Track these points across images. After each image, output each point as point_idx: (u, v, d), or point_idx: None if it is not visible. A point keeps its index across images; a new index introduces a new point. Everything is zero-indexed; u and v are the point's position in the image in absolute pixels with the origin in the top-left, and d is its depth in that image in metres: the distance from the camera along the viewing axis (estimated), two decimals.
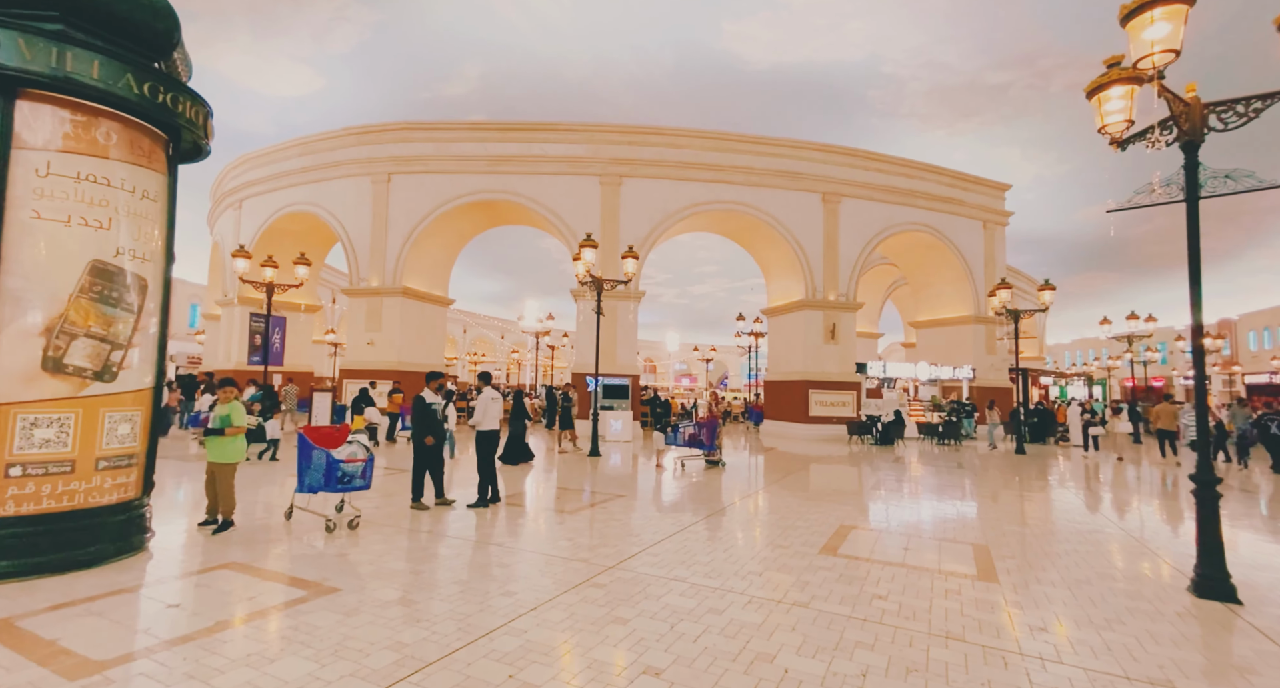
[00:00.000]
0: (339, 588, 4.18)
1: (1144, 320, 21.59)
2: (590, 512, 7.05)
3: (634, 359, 18.68)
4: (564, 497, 8.10)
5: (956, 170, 22.28)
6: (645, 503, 7.75)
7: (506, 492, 8.24)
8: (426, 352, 19.50)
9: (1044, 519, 7.46)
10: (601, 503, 7.61)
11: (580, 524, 6.42)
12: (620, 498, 7.96)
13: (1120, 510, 8.27)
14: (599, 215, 18.49)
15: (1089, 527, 7.07)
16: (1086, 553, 5.80)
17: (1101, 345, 65.25)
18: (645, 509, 7.31)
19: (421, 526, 6.17)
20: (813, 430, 19.28)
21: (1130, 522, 7.52)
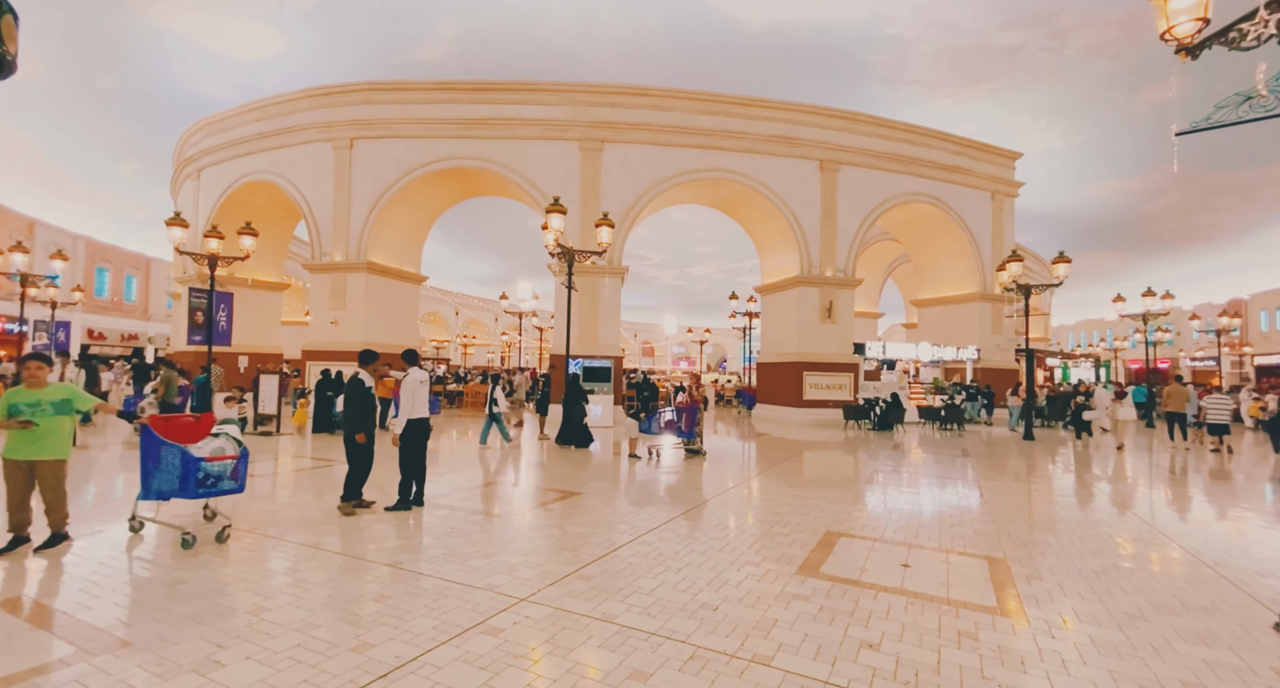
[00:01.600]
0: (130, 642, 3.06)
1: (1160, 297, 20.32)
2: (530, 516, 5.94)
3: (617, 340, 17.51)
4: (508, 496, 6.99)
5: (964, 137, 20.81)
6: (600, 504, 6.63)
7: (448, 488, 7.14)
8: (396, 332, 18.31)
9: (1070, 522, 6.35)
10: (549, 504, 6.50)
11: (509, 535, 5.31)
12: (573, 498, 6.85)
13: (1156, 509, 7.17)
14: (579, 184, 17.15)
15: (1127, 533, 5.96)
16: (1131, 572, 4.69)
17: (1107, 326, 63.97)
18: (597, 512, 6.20)
19: (314, 535, 5.06)
20: (807, 415, 18.20)
21: (1171, 525, 6.41)
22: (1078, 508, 7.11)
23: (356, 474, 5.77)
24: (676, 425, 10.47)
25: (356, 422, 5.77)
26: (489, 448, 10.99)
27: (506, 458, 10.03)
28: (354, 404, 5.77)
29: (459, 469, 8.77)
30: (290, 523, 5.44)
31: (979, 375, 20.53)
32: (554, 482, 7.90)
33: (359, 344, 16.85)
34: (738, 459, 10.65)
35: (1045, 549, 5.23)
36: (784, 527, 5.76)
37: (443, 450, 10.65)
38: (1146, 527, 6.20)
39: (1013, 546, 5.32)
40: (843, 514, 6.34)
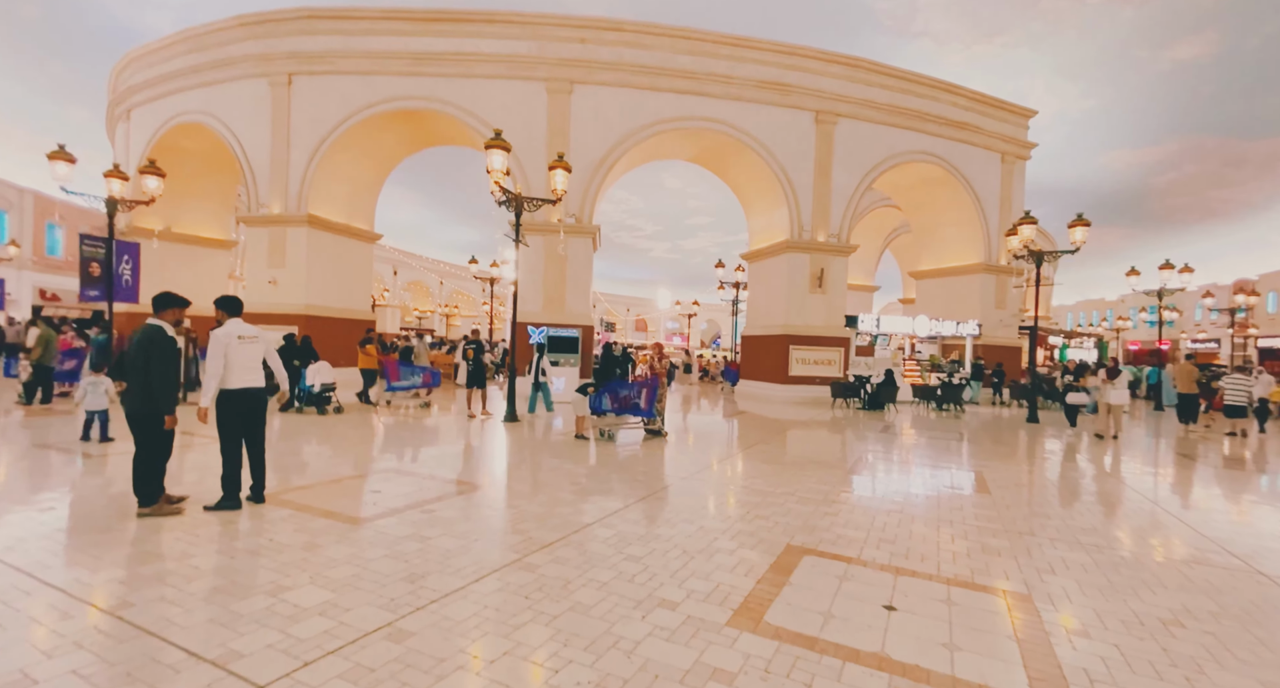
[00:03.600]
0: None
1: (1179, 271, 18.82)
2: (396, 520, 4.49)
3: (586, 307, 15.94)
4: (388, 489, 5.55)
5: (975, 90, 18.92)
6: (496, 503, 5.20)
7: (318, 476, 5.69)
8: (344, 293, 16.66)
9: (1104, 532, 4.96)
10: (435, 501, 5.05)
11: (343, 552, 3.86)
12: (473, 493, 5.41)
13: (1211, 516, 5.80)
14: (545, 130, 15.31)
15: (1182, 549, 4.58)
16: (1214, 619, 3.29)
17: (1107, 306, 62.69)
18: (485, 518, 4.75)
19: (80, 552, 3.60)
20: (792, 392, 16.82)
21: (1236, 536, 5.04)
22: (1109, 510, 5.73)
23: (149, 463, 4.28)
24: (634, 402, 9.01)
25: (161, 391, 4.24)
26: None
27: (442, 436, 8.59)
28: (155, 366, 4.23)
29: (371, 450, 7.32)
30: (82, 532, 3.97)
31: (979, 352, 19.15)
32: (463, 469, 6.45)
33: (300, 306, 15.28)
34: (704, 442, 9.24)
35: (1082, 577, 3.83)
36: (733, 538, 4.34)
37: (395, 425, 9.20)
38: (1206, 542, 4.82)
39: (1036, 572, 3.92)
40: (813, 518, 4.93)
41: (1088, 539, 4.70)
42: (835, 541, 4.40)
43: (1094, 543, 4.61)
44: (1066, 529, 4.97)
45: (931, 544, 4.41)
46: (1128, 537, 4.86)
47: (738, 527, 4.63)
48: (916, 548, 4.31)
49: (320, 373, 10.62)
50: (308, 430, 8.45)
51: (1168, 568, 4.12)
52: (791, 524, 4.75)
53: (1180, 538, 4.88)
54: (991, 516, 5.30)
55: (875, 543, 4.39)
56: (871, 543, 4.38)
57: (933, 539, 4.54)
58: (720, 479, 6.39)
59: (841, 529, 4.70)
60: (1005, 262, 19.51)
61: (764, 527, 4.66)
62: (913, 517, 5.16)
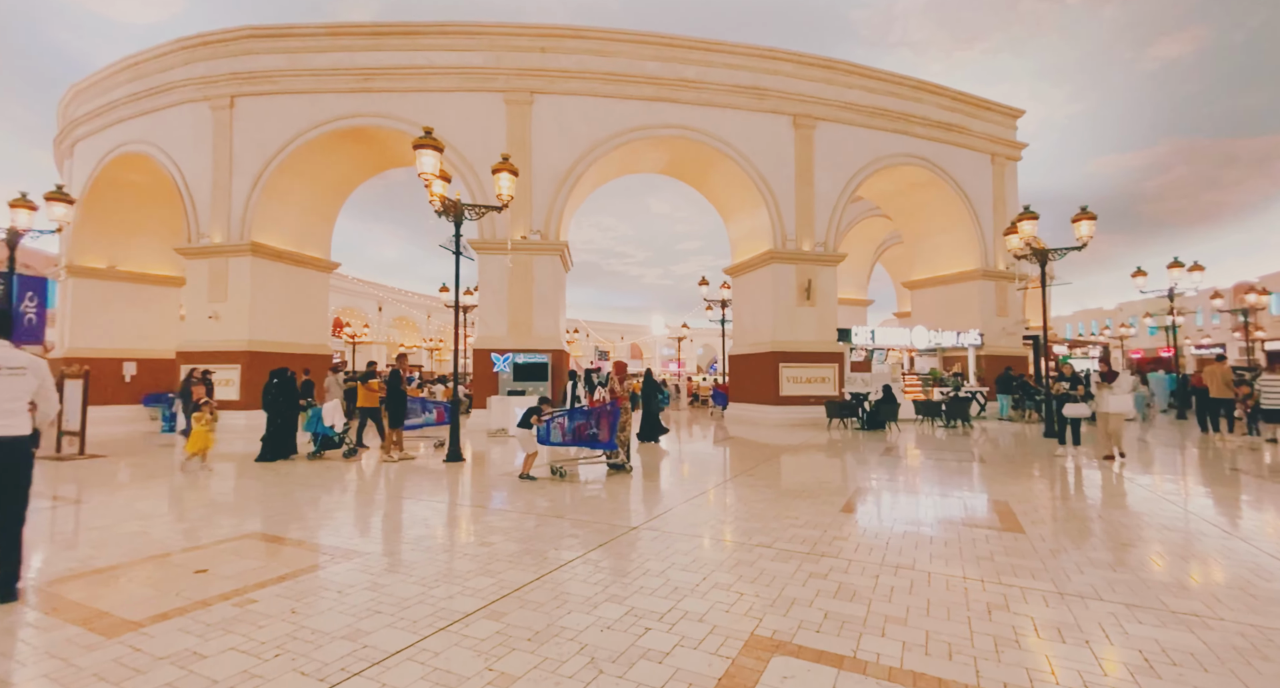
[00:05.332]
0: None
1: (1188, 270, 17.71)
2: (184, 624, 3.11)
3: (557, 331, 14.70)
4: (225, 568, 4.16)
5: (959, 90, 18.17)
6: (361, 582, 3.81)
7: (145, 550, 4.31)
8: (296, 327, 15.41)
9: (1190, 587, 3.58)
10: (273, 584, 3.67)
11: (128, 665, 2.49)
12: (341, 565, 4.03)
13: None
14: (504, 142, 14.35)
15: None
16: None
17: (1106, 316, 61.72)
18: (335, 605, 3.38)
19: None
20: (785, 413, 15.45)
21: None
22: (1184, 552, 4.35)
23: None
24: (590, 432, 7.66)
25: None
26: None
27: (357, 485, 7.20)
28: None
29: (268, 506, 5.92)
30: None
31: (983, 363, 17.86)
32: (352, 529, 5.06)
33: (243, 342, 14.01)
34: (677, 475, 7.85)
35: (1209, 670, 2.45)
36: (672, 628, 2.96)
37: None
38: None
39: (1126, 667, 2.54)
40: (794, 584, 3.56)
41: (1177, 602, 3.32)
42: (821, 624, 3.02)
43: (1191, 610, 3.23)
44: (1140, 585, 3.59)
45: (960, 623, 3.03)
46: (1231, 595, 3.48)
47: (686, 605, 3.25)
48: (940, 633, 2.93)
49: (335, 413, 9.30)
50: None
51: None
52: (763, 597, 3.38)
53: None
54: (1035, 567, 3.93)
55: (878, 626, 3.00)
56: (873, 626, 3.00)
57: (960, 612, 3.16)
58: (682, 526, 5.00)
59: (831, 601, 3.32)
60: (1004, 266, 18.44)
61: (723, 603, 3.28)
62: (929, 574, 3.78)
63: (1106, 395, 8.96)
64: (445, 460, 8.62)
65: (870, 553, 4.25)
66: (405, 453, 9.04)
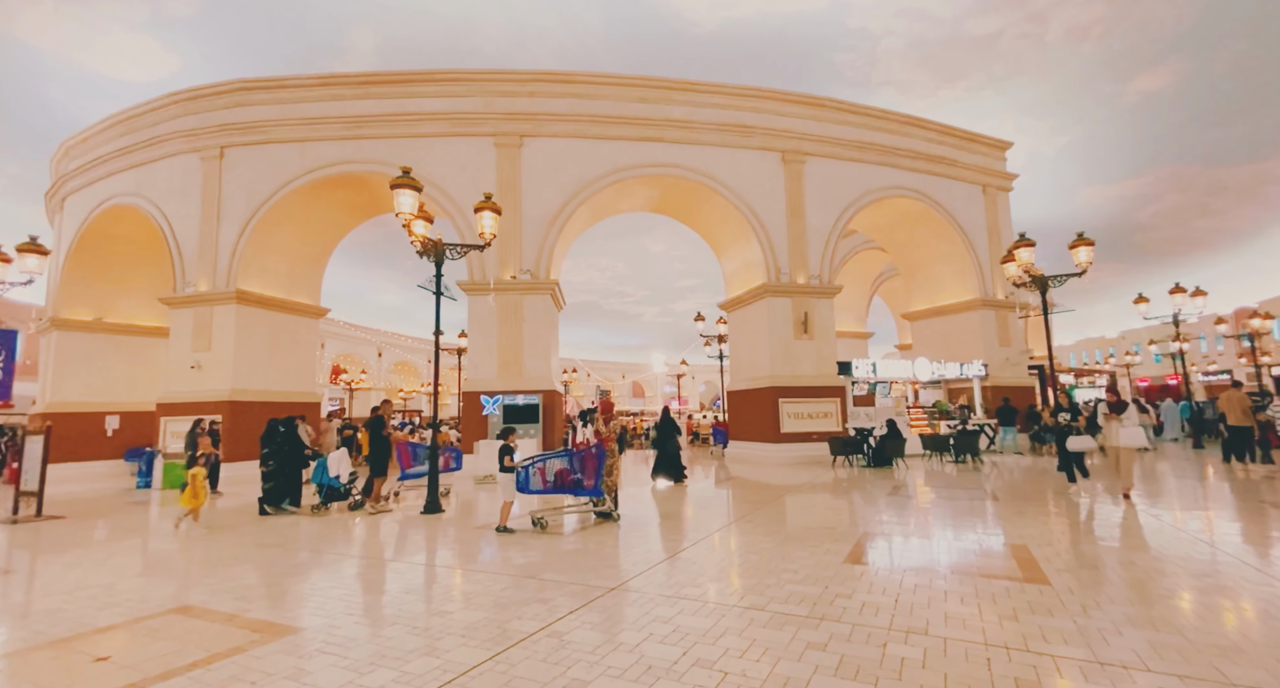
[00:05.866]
0: None
1: (1190, 295, 17.45)
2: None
3: (547, 372, 14.33)
4: (133, 654, 3.65)
5: (946, 124, 18.41)
6: (285, 666, 3.31)
7: (47, 632, 3.80)
8: (282, 376, 15.07)
9: (1252, 647, 3.06)
10: (178, 675, 3.17)
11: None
12: (265, 646, 3.52)
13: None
14: (494, 185, 14.39)
15: None
16: None
17: (1109, 344, 61.23)
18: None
19: None
20: (786, 452, 14.86)
21: None
22: (1234, 601, 3.83)
23: None
24: (574, 478, 7.17)
25: None
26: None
27: (324, 540, 6.67)
28: None
29: (210, 569, 5.41)
30: None
31: (989, 394, 17.35)
32: (296, 598, 4.55)
33: (225, 392, 13.64)
34: (669, 523, 7.30)
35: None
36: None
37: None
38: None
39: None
40: (788, 663, 3.04)
41: (1236, 671, 2.81)
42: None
43: (1254, 682, 2.71)
44: (1190, 649, 3.07)
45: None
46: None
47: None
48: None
49: (341, 463, 8.84)
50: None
51: None
52: (751, 677, 2.86)
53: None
54: (1066, 629, 3.41)
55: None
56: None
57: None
58: (666, 586, 4.48)
59: (830, 680, 2.80)
60: (1003, 295, 18.20)
61: (704, 686, 2.77)
62: (944, 642, 3.25)
63: (1116, 428, 8.20)
64: (423, 512, 8.09)
65: (877, 614, 3.73)
66: (382, 505, 8.51)
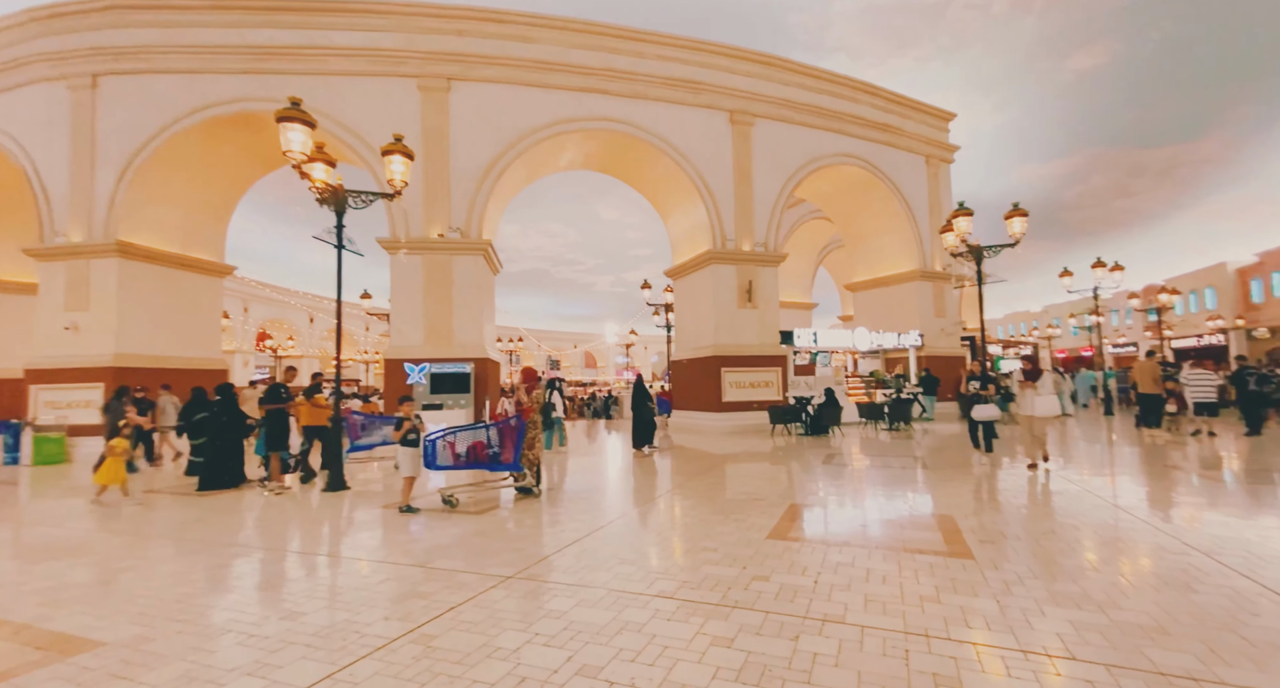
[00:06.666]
0: None
1: (1110, 269, 18.27)
2: None
3: (479, 338, 13.49)
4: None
5: (893, 91, 18.20)
6: (101, 682, 2.66)
7: None
8: (179, 340, 13.58)
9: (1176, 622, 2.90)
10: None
11: None
12: (75, 658, 2.84)
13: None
14: (419, 133, 13.14)
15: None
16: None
17: (1033, 318, 65.15)
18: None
19: None
20: (728, 421, 14.75)
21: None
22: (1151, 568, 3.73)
23: None
24: (490, 452, 6.58)
25: None
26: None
27: (206, 521, 5.84)
28: None
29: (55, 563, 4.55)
30: None
31: (923, 364, 17.79)
32: (117, 596, 3.83)
33: (109, 357, 12.14)
34: (594, 498, 6.86)
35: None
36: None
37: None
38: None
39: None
40: (686, 666, 2.64)
41: (1164, 658, 2.61)
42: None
43: (1183, 669, 2.51)
44: (1115, 632, 2.87)
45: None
46: (1222, 640, 2.81)
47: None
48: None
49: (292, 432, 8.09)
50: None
51: None
52: (643, 684, 2.44)
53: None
54: (989, 611, 3.17)
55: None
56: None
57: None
58: (571, 572, 4.02)
59: (731, 687, 2.42)
60: (941, 267, 18.53)
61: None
62: (861, 631, 2.94)
63: (1031, 396, 7.89)
64: (325, 490, 7.33)
65: (794, 599, 3.40)
66: (281, 484, 7.67)
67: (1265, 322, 31.74)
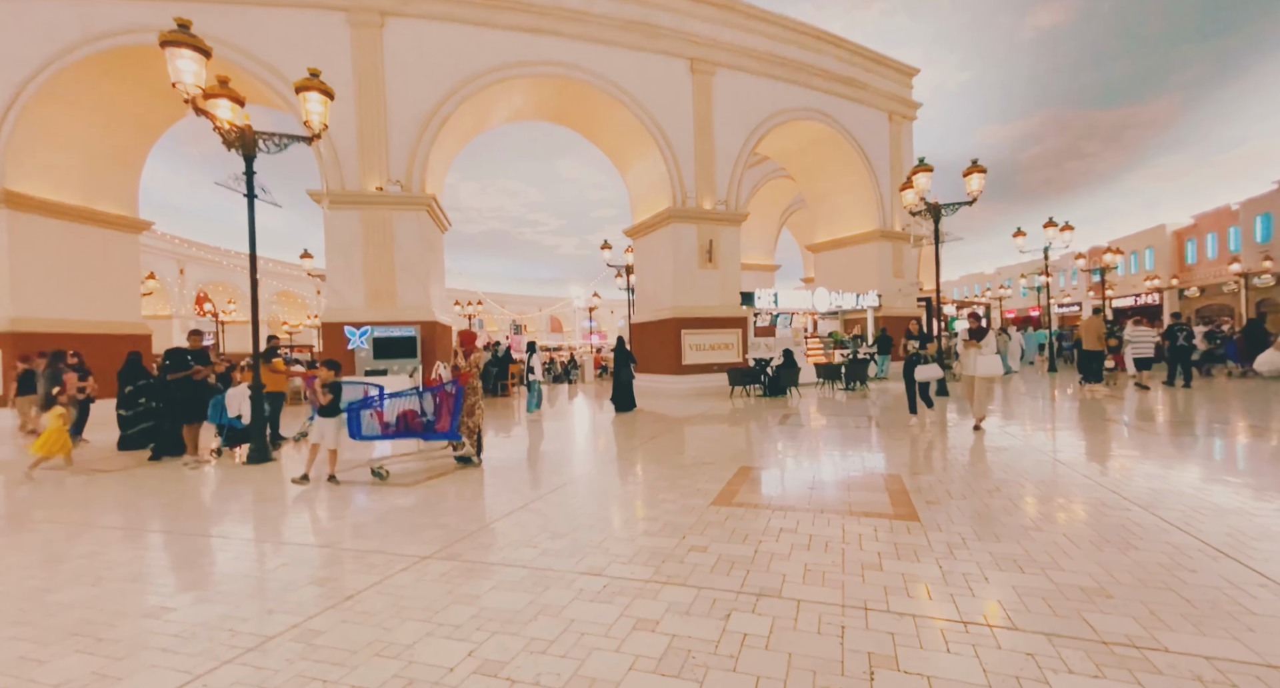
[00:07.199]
0: None
1: (1060, 229, 18.59)
2: None
3: (427, 300, 12.77)
4: None
5: (857, 43, 17.61)
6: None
7: None
8: (90, 302, 12.39)
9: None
10: None
11: None
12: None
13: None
14: (350, 75, 11.96)
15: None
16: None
17: (986, 279, 67.23)
18: None
19: None
20: (688, 383, 14.62)
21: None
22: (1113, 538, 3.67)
23: None
24: (423, 420, 6.15)
25: None
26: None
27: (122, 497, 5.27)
28: None
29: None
30: None
31: (881, 324, 17.96)
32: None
33: (5, 322, 10.97)
34: (539, 465, 6.55)
35: None
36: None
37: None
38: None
39: None
40: (603, 655, 2.37)
41: (1105, 622, 2.48)
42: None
43: (1125, 634, 2.39)
44: (1058, 597, 2.75)
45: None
46: (1164, 602, 2.71)
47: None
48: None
49: (241, 400, 7.38)
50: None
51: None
52: (548, 680, 2.16)
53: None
54: (932, 577, 3.02)
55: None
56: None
57: (832, 676, 2.11)
58: (496, 549, 3.72)
59: (648, 681, 2.16)
60: (900, 227, 18.49)
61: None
62: (797, 605, 2.73)
63: (975, 356, 7.61)
64: (247, 462, 6.79)
65: (730, 572, 3.17)
66: (197, 458, 7.07)
67: (1197, 281, 33.41)
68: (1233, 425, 7.64)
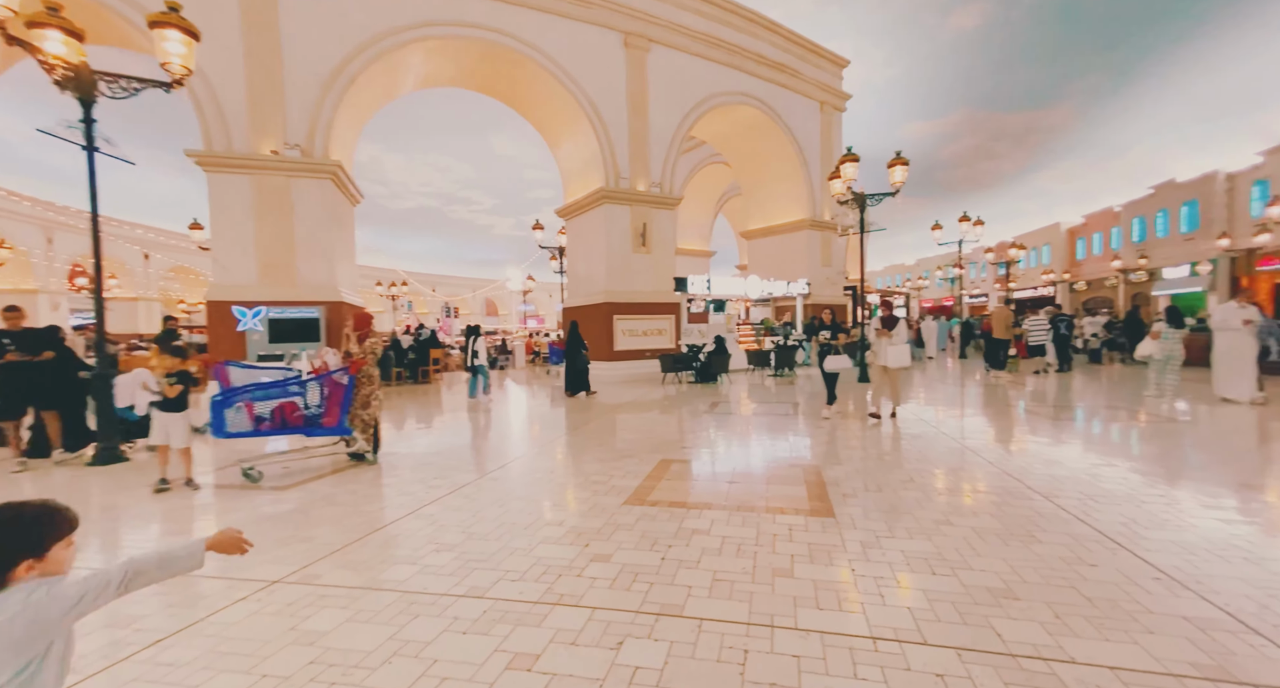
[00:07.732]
0: None
1: (973, 224, 19.64)
2: None
3: (333, 278, 11.66)
4: None
5: (791, 30, 17.62)
6: None
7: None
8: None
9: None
10: None
11: None
12: None
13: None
14: (239, 27, 10.54)
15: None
16: None
17: (907, 270, 71.31)
18: None
19: None
20: (620, 369, 14.31)
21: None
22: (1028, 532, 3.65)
23: None
24: (303, 414, 5.44)
25: None
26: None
27: None
28: None
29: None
30: None
31: (810, 312, 18.35)
32: None
33: None
34: (445, 461, 5.99)
35: None
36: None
37: None
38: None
39: None
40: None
41: (1012, 630, 2.36)
42: None
43: (1032, 643, 2.26)
44: (968, 602, 2.62)
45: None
46: (1067, 601, 2.64)
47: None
48: None
49: (133, 387, 6.37)
50: None
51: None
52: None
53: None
54: (842, 582, 2.82)
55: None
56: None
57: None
58: (368, 567, 3.23)
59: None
60: (830, 216, 18.88)
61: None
62: (699, 626, 2.46)
63: (885, 345, 7.27)
64: (91, 463, 5.82)
65: (631, 587, 2.85)
66: (18, 457, 5.98)
67: (1084, 276, 36.63)
68: (1122, 411, 8.21)
